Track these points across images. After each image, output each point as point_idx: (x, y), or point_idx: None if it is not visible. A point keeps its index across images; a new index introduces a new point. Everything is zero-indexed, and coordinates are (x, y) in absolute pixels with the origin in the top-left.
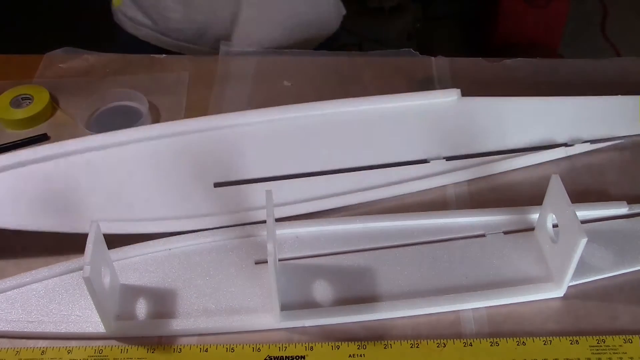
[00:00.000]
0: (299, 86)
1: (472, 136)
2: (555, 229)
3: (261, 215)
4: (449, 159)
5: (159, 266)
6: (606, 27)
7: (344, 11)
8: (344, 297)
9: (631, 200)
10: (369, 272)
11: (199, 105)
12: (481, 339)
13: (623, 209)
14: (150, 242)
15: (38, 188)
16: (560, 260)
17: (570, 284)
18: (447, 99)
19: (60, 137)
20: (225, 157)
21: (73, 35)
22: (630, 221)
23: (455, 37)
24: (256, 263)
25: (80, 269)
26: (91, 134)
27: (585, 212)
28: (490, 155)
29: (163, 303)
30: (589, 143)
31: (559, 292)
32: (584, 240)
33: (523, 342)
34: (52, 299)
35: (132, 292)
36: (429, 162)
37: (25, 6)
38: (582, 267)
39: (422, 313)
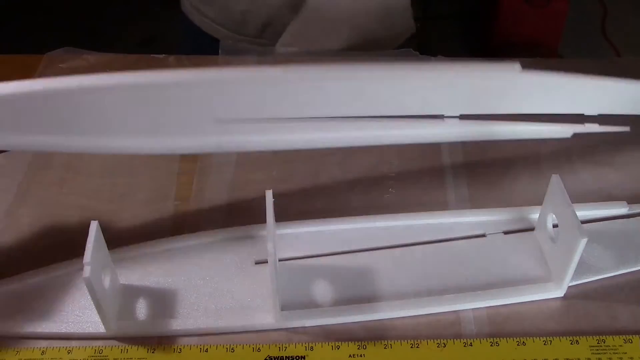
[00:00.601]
0: None
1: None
2: (555, 229)
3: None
4: (463, 117)
5: (159, 266)
6: (606, 27)
7: (413, 29)
8: (344, 297)
9: (631, 200)
10: (369, 272)
11: None
12: (481, 339)
13: (623, 209)
14: (150, 242)
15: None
16: (561, 260)
17: (571, 284)
18: (506, 73)
19: None
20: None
21: (73, 35)
22: (630, 221)
23: (455, 37)
24: (256, 263)
25: (81, 269)
26: None
27: (586, 212)
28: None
29: (163, 303)
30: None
31: (559, 292)
32: (584, 241)
33: (523, 342)
34: (52, 299)
35: (132, 292)
36: (444, 119)
37: (25, 6)
38: (582, 267)
39: (422, 313)
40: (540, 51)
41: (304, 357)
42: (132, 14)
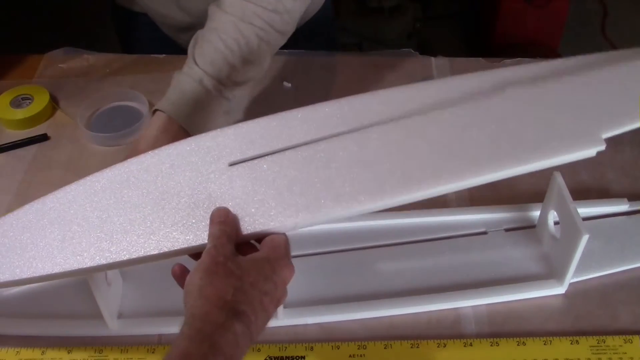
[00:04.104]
0: (299, 87)
1: None
2: (556, 226)
3: None
4: None
5: (159, 266)
6: (606, 27)
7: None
8: (345, 295)
9: (632, 197)
10: (370, 270)
11: None
12: (481, 339)
13: (624, 206)
14: None
15: None
16: (562, 257)
17: (572, 281)
18: None
19: (60, 137)
20: None
21: (73, 35)
22: (631, 218)
23: (455, 37)
24: None
25: None
26: (91, 134)
27: (587, 209)
28: None
29: (164, 302)
30: None
31: (561, 289)
32: (585, 237)
33: (523, 342)
34: (52, 299)
35: (133, 292)
36: None
37: (25, 6)
38: (583, 264)
39: (423, 310)
40: (540, 51)
41: (304, 357)
42: None
